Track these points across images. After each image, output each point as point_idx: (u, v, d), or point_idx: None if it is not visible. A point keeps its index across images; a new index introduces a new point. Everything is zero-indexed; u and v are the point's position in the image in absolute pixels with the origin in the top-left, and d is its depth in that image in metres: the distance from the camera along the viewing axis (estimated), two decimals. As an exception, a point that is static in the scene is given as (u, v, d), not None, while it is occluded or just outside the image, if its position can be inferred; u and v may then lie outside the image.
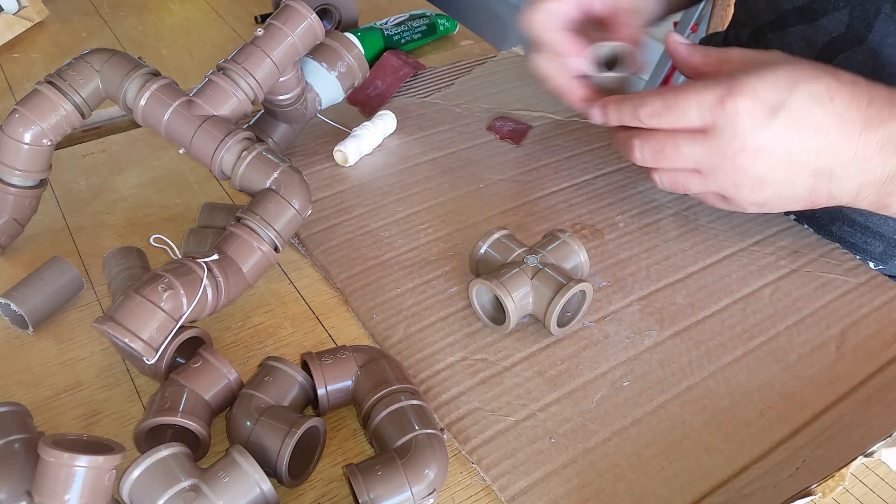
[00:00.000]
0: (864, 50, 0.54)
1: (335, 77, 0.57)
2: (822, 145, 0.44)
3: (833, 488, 0.36)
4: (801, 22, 0.58)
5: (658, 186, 0.50)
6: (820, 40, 0.57)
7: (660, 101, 0.46)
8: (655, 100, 0.46)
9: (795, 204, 0.48)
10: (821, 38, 0.57)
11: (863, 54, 0.55)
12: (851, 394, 0.43)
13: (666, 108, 0.46)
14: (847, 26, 0.55)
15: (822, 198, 0.46)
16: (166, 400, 0.37)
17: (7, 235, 0.50)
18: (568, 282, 0.43)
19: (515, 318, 0.44)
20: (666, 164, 0.48)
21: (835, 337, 0.46)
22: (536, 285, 0.44)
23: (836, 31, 0.56)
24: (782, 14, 0.60)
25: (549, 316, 0.43)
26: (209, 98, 0.47)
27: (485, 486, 0.39)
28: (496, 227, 0.48)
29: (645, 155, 0.48)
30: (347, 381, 0.40)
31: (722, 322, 0.47)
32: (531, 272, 0.44)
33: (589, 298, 0.46)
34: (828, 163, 0.44)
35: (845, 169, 0.44)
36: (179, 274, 0.40)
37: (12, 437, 0.35)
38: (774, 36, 0.62)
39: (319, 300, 0.49)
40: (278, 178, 0.46)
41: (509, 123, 0.65)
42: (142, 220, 0.55)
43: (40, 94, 0.46)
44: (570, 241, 0.47)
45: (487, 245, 0.47)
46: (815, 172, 0.45)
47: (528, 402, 0.42)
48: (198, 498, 0.33)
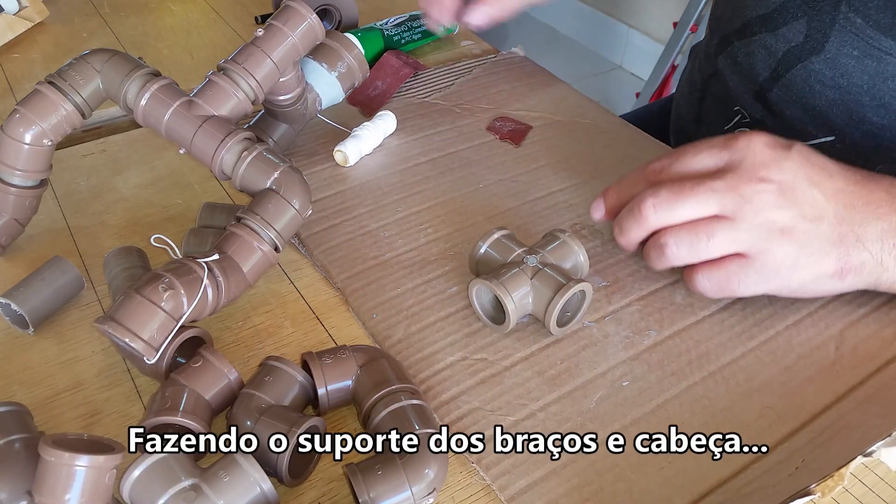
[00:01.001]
0: (822, 59, 0.55)
1: (335, 77, 0.58)
2: (836, 188, 0.43)
3: (832, 488, 0.36)
4: (763, 30, 0.59)
5: (702, 289, 0.45)
6: (780, 49, 0.58)
7: (666, 158, 0.45)
8: (662, 158, 0.45)
9: (827, 256, 0.43)
10: (781, 47, 0.58)
11: (820, 63, 0.55)
12: (851, 394, 0.43)
13: (674, 160, 0.44)
14: (805, 36, 0.55)
15: (851, 246, 0.43)
16: (167, 399, 0.37)
17: (7, 235, 0.50)
18: (567, 282, 0.43)
19: (515, 319, 0.44)
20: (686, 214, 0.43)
21: (834, 337, 0.46)
22: (536, 285, 0.44)
23: (796, 40, 0.56)
24: (747, 22, 0.61)
25: (549, 316, 0.43)
26: (209, 98, 0.47)
27: (484, 486, 0.39)
28: (496, 227, 0.48)
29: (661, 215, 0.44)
30: (347, 380, 0.40)
31: (721, 322, 0.47)
32: (531, 272, 0.44)
33: (589, 298, 0.46)
34: (846, 205, 0.43)
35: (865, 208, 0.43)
36: (180, 274, 0.40)
37: (12, 436, 0.35)
38: (739, 44, 0.63)
39: (319, 300, 0.49)
40: (278, 178, 0.46)
41: (509, 123, 0.65)
42: (142, 220, 0.55)
43: (41, 95, 0.46)
44: (569, 240, 0.47)
45: (487, 245, 0.47)
46: (837, 215, 0.43)
47: (527, 402, 0.42)
48: (198, 497, 0.33)
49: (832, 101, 0.58)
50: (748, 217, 0.42)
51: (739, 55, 0.63)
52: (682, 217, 0.44)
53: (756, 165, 0.43)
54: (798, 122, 0.60)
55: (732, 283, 0.44)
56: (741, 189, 0.43)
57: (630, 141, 0.64)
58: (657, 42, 2.22)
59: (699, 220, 0.43)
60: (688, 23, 1.81)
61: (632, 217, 0.45)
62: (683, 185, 0.43)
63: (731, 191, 0.43)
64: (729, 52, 0.64)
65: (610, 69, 2.40)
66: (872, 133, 0.57)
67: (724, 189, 0.43)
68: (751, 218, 0.42)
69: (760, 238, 0.43)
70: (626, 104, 2.16)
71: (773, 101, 0.61)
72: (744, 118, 0.64)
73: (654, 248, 0.45)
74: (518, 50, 0.77)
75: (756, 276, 0.44)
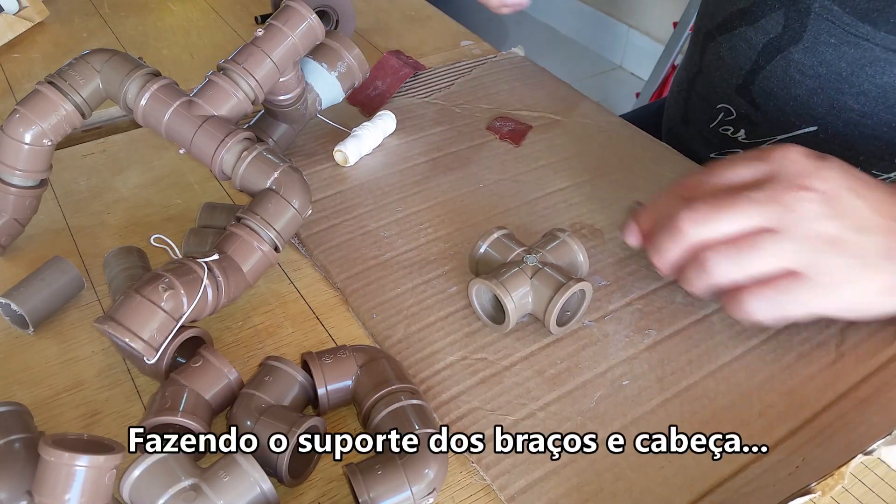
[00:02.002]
0: (801, 48, 0.55)
1: (335, 77, 0.58)
2: (878, 199, 0.41)
3: (832, 487, 0.36)
4: (743, 24, 0.59)
5: (752, 311, 0.42)
6: (760, 41, 0.58)
7: (699, 174, 0.43)
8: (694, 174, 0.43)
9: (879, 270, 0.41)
10: (760, 39, 0.58)
11: (799, 53, 0.56)
12: (851, 393, 0.43)
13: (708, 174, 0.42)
14: (784, 26, 0.56)
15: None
16: (167, 399, 0.37)
17: (7, 235, 0.50)
18: (567, 281, 0.43)
19: (515, 318, 0.44)
20: (726, 227, 0.41)
21: (834, 336, 0.46)
22: (536, 285, 0.44)
23: (774, 31, 0.57)
24: (728, 16, 0.62)
25: (549, 315, 0.43)
26: (209, 98, 0.47)
27: (484, 486, 0.39)
28: (495, 227, 0.48)
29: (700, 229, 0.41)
30: (347, 380, 0.40)
31: (721, 321, 0.47)
32: (531, 271, 0.44)
33: (588, 297, 0.46)
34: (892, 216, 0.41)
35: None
36: (180, 274, 0.40)
37: (12, 436, 0.35)
38: (722, 38, 0.63)
39: (319, 300, 0.49)
40: (278, 178, 0.46)
41: (509, 123, 0.65)
42: (142, 220, 0.55)
43: (41, 95, 0.46)
44: (569, 240, 0.47)
45: (487, 244, 0.47)
46: (884, 228, 0.41)
47: (527, 402, 0.42)
48: (198, 497, 0.33)
49: (812, 90, 0.58)
50: (794, 227, 0.40)
51: (722, 50, 0.63)
52: (722, 231, 0.41)
53: (796, 175, 0.41)
54: (780, 114, 0.61)
55: (784, 301, 0.41)
56: (783, 198, 0.40)
57: (630, 141, 0.64)
58: (657, 42, 2.22)
59: (742, 235, 0.41)
60: (688, 23, 1.81)
61: (668, 235, 0.42)
62: (721, 198, 0.41)
63: (772, 201, 0.40)
64: (712, 47, 0.65)
65: (610, 69, 2.40)
66: (853, 121, 0.58)
67: (764, 199, 0.40)
68: (796, 228, 0.40)
69: (809, 250, 0.40)
70: (626, 104, 2.16)
71: (756, 93, 0.61)
72: (728, 115, 0.64)
73: (694, 266, 0.42)
74: (518, 50, 0.77)
75: (809, 292, 0.40)
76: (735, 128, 0.63)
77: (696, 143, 0.70)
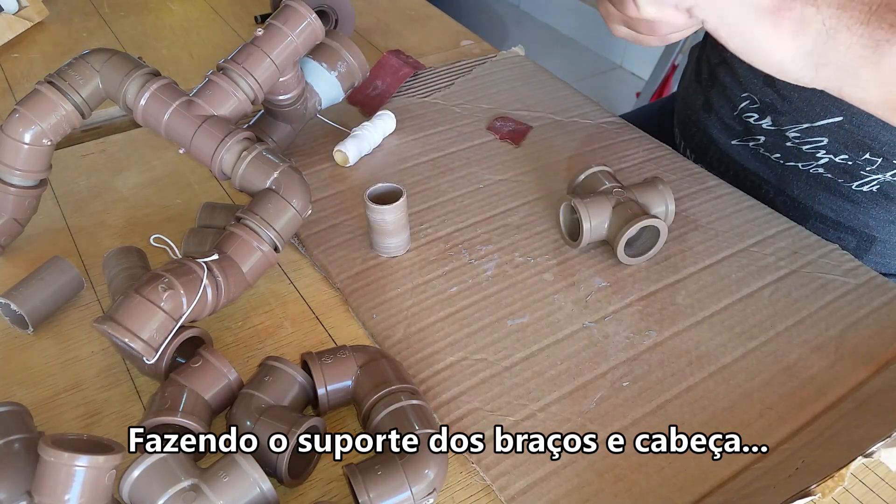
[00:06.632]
0: None
1: (335, 77, 0.58)
2: None
3: (833, 488, 0.36)
4: None
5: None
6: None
7: None
8: None
9: None
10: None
11: None
12: (851, 394, 0.43)
13: None
14: None
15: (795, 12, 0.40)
16: (166, 400, 0.37)
17: (7, 235, 0.50)
18: (644, 216, 0.47)
19: (588, 238, 0.49)
20: None
21: (834, 338, 0.46)
22: (616, 213, 0.49)
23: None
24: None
25: (619, 241, 0.48)
26: (209, 98, 0.47)
27: (484, 486, 0.39)
28: (594, 163, 0.53)
29: None
30: (347, 380, 0.40)
31: (721, 322, 0.47)
32: (614, 201, 0.49)
33: (663, 237, 0.50)
34: None
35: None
36: (179, 274, 0.40)
37: (12, 436, 0.35)
38: None
39: (319, 300, 0.49)
40: (278, 178, 0.46)
41: (509, 123, 0.65)
42: (142, 220, 0.55)
43: (40, 94, 0.46)
44: (663, 188, 0.50)
45: (584, 176, 0.52)
46: None
47: (527, 402, 0.42)
48: (198, 498, 0.33)
49: None
50: None
51: None
52: None
53: None
54: (806, 104, 0.60)
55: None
56: None
57: (630, 141, 0.64)
58: (656, 42, 2.21)
59: None
60: (688, 23, 1.81)
61: None
62: None
63: None
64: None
65: (610, 69, 2.40)
66: None
67: None
68: None
69: None
70: (626, 104, 2.16)
71: (782, 84, 0.61)
72: (752, 103, 0.64)
73: None
74: (518, 50, 0.77)
75: None
76: (760, 115, 0.63)
77: (715, 130, 0.69)
